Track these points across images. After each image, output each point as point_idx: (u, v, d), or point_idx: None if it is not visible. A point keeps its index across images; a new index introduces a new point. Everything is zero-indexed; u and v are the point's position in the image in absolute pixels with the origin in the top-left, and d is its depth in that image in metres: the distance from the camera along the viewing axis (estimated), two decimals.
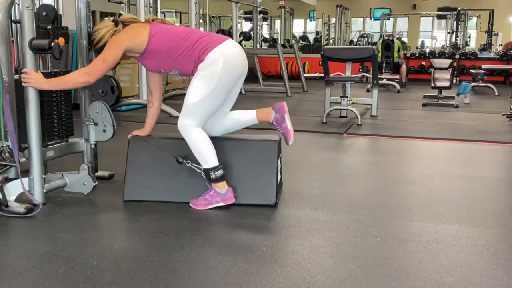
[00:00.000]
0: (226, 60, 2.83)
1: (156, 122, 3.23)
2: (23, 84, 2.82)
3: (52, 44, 2.79)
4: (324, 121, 6.19)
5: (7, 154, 2.95)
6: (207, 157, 2.89)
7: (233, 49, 2.92)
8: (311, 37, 20.51)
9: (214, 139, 2.99)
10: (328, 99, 6.58)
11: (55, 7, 4.61)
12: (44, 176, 2.98)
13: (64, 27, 3.09)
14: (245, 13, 13.68)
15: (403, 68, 11.59)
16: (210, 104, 2.88)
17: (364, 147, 5.26)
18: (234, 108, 3.11)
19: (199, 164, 2.92)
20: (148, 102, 3.23)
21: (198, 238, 2.51)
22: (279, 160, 3.09)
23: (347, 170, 4.17)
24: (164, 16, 14.34)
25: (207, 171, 2.89)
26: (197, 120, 2.87)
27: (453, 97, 8.42)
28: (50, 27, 2.93)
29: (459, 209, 3.03)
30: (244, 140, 3.11)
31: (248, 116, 3.08)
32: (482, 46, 15.83)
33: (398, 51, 11.28)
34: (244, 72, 2.98)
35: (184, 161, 2.97)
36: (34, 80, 2.81)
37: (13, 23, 3.16)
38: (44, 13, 2.97)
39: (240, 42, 8.70)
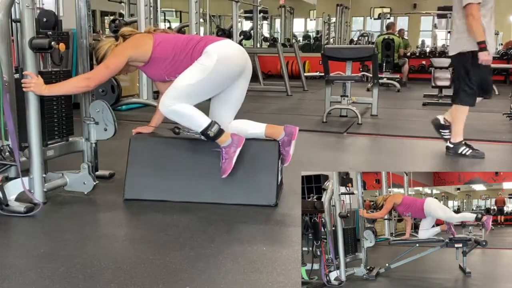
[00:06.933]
0: (222, 53, 2.87)
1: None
2: (23, 89, 2.83)
3: (52, 43, 2.78)
4: (324, 120, 6.18)
5: (7, 153, 2.95)
6: (197, 120, 2.88)
7: (231, 46, 2.99)
8: (311, 36, 20.50)
9: None
10: (328, 98, 6.56)
11: (56, 7, 4.64)
12: (44, 175, 2.98)
13: (65, 32, 3.09)
14: (245, 12, 13.65)
15: (406, 67, 11.55)
16: (198, 91, 2.88)
17: (364, 146, 5.25)
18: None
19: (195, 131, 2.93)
20: (158, 101, 3.25)
21: (198, 237, 2.52)
22: (279, 161, 3.09)
23: (347, 169, 4.16)
24: (165, 15, 14.34)
25: (204, 133, 2.88)
26: (180, 102, 2.86)
27: None
28: (50, 33, 2.92)
29: None
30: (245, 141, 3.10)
31: (256, 130, 3.08)
32: None
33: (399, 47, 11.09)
34: (244, 70, 2.98)
35: (180, 131, 2.99)
36: (34, 86, 2.81)
37: (13, 22, 3.16)
38: (44, 19, 2.96)
39: (240, 41, 8.68)
